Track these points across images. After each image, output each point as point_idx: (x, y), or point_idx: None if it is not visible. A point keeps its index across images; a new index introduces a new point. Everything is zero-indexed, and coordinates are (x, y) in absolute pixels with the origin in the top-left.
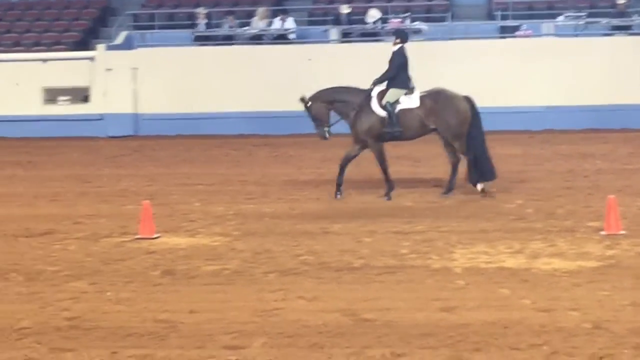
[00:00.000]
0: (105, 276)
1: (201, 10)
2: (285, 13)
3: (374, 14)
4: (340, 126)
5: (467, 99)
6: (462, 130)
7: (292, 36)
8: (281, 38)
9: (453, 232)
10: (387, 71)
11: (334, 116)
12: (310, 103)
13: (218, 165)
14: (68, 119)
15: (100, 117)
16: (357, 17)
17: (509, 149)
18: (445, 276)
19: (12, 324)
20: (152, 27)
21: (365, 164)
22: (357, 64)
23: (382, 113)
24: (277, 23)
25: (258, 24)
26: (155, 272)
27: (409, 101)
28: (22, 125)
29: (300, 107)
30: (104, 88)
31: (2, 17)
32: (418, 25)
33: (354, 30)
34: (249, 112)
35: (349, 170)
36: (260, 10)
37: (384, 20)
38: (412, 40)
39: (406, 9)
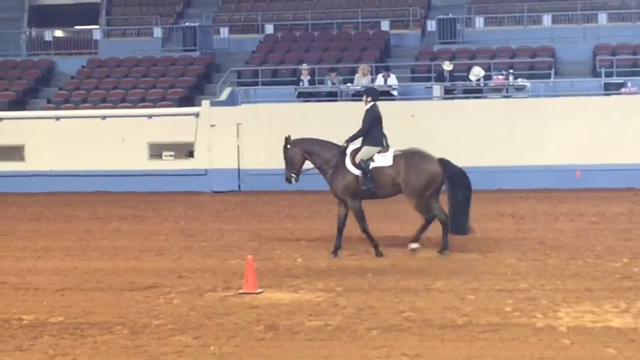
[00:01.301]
0: (209, 330)
1: (304, 67)
2: (388, 70)
3: (477, 72)
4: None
5: (442, 162)
6: (423, 192)
7: (395, 93)
8: (384, 94)
9: (557, 291)
10: (359, 129)
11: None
12: (289, 146)
13: (321, 221)
14: (173, 173)
15: (205, 172)
16: (459, 73)
17: (613, 207)
18: (549, 335)
19: None
20: (255, 84)
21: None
22: (460, 120)
23: (356, 171)
24: (380, 79)
25: (361, 80)
26: (259, 327)
27: (383, 159)
28: (127, 180)
29: None
30: (208, 143)
31: (109, 73)
32: (521, 82)
33: (457, 87)
34: None
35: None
36: (363, 66)
37: (487, 77)
38: (516, 97)
39: (509, 66)
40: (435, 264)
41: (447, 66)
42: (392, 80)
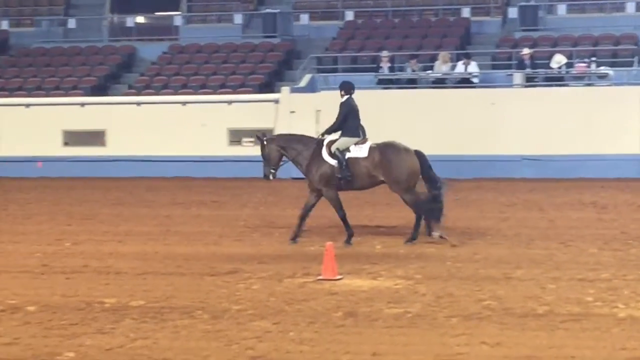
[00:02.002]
0: (288, 316)
1: (385, 54)
2: (468, 57)
3: (559, 59)
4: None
5: (418, 154)
6: (410, 184)
7: (475, 80)
8: (464, 82)
9: None
10: (333, 122)
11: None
12: (266, 143)
13: (399, 208)
14: (252, 159)
15: None
16: (541, 61)
17: None
18: (632, 325)
19: None
20: (335, 70)
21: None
22: (541, 108)
23: (332, 161)
24: (460, 67)
25: (441, 67)
26: (338, 313)
27: (358, 151)
28: (207, 165)
29: (486, 151)
30: (288, 130)
31: (190, 59)
32: (604, 70)
33: (538, 75)
34: (432, 155)
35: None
36: (443, 54)
37: (569, 65)
38: (598, 85)
39: (592, 54)
40: (516, 253)
41: (525, 52)
42: (473, 67)
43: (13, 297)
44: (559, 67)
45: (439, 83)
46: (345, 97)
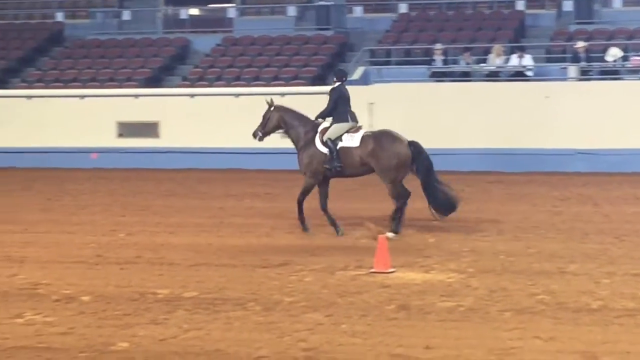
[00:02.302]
0: (340, 309)
1: (438, 47)
2: (522, 50)
3: (614, 53)
4: None
5: (412, 144)
6: (397, 175)
7: (529, 73)
8: (518, 75)
9: None
10: (325, 108)
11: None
12: (272, 108)
13: None
14: None
15: None
16: (596, 54)
17: None
18: None
19: (250, 353)
20: (388, 63)
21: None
22: (596, 102)
23: (324, 150)
24: (514, 60)
25: (495, 60)
26: (390, 306)
27: (351, 140)
28: (260, 157)
29: (539, 145)
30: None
31: (243, 52)
32: None
33: (593, 68)
34: (485, 148)
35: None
36: (497, 47)
37: (624, 58)
38: None
39: None
40: (569, 247)
41: (580, 45)
42: (527, 60)
43: (67, 287)
44: (614, 61)
45: (493, 76)
46: (337, 83)
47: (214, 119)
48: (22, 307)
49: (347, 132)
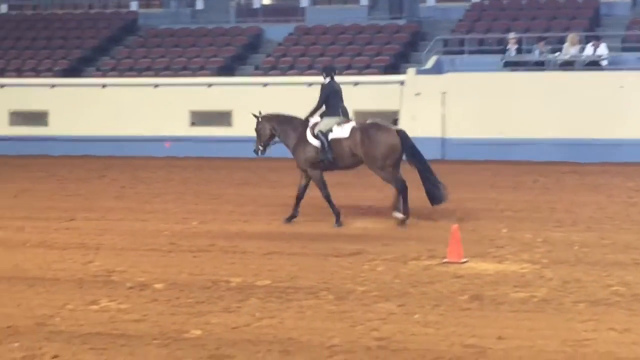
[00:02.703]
0: (413, 298)
1: (512, 36)
2: (597, 39)
3: None
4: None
5: (400, 133)
6: (385, 163)
7: (604, 63)
8: (593, 64)
9: None
10: (315, 105)
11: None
12: (259, 120)
13: (526, 192)
14: None
15: None
16: None
17: None
18: None
19: (323, 342)
20: (461, 52)
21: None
22: None
23: (316, 142)
24: (589, 49)
25: (569, 50)
26: (463, 296)
27: (340, 132)
28: None
29: (613, 135)
30: (413, 112)
31: (316, 41)
32: None
33: None
34: (559, 138)
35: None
36: (572, 36)
37: None
38: None
39: None
40: None
41: None
42: (602, 49)
43: (141, 275)
44: None
45: (567, 65)
46: (327, 79)
47: (287, 108)
48: (97, 294)
49: (338, 124)
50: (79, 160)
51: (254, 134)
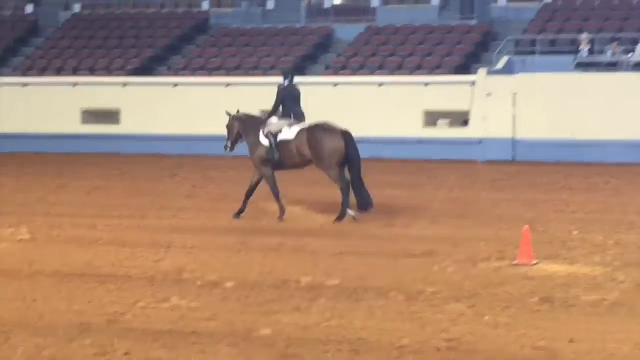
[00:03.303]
0: (483, 300)
1: (584, 37)
2: None
3: None
4: None
5: (344, 134)
6: (331, 162)
7: None
8: None
9: None
10: (272, 107)
11: None
12: (230, 118)
13: (598, 193)
14: (447, 142)
15: (479, 141)
16: None
17: None
18: None
19: (393, 342)
20: (533, 53)
21: None
22: None
23: (266, 142)
24: None
25: None
26: (534, 298)
27: (289, 133)
28: (402, 146)
29: None
30: (484, 112)
31: (386, 41)
32: None
33: None
34: (631, 140)
35: None
36: None
37: None
38: None
39: None
40: None
41: None
42: None
43: (212, 274)
44: None
45: None
46: (286, 82)
47: (357, 108)
48: (168, 292)
49: (289, 126)
50: (150, 158)
51: None
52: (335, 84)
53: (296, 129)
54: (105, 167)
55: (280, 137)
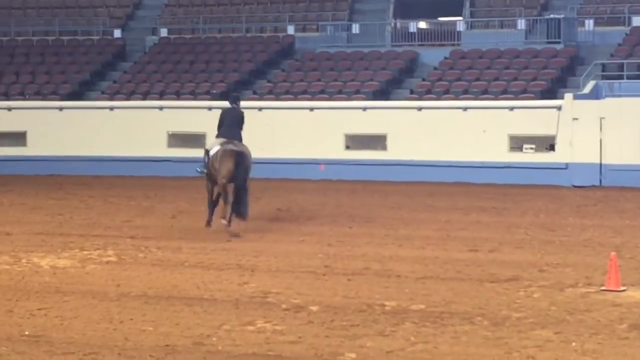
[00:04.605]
0: (570, 326)
1: None
2: None
3: None
4: None
5: (237, 154)
6: (221, 176)
7: None
8: None
9: None
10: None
11: None
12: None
13: None
14: (533, 166)
15: (565, 166)
16: None
17: None
18: None
19: None
20: (621, 77)
21: None
22: None
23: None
24: None
25: None
26: (622, 325)
27: (214, 151)
28: (487, 171)
29: None
30: (570, 137)
31: (472, 65)
32: None
33: None
34: None
35: None
36: None
37: None
38: None
39: None
40: None
41: None
42: None
43: (297, 297)
44: None
45: None
46: (232, 105)
47: (442, 133)
48: (253, 315)
49: (220, 144)
50: None
51: (408, 157)
52: (420, 108)
53: (217, 147)
54: (190, 191)
55: (210, 154)
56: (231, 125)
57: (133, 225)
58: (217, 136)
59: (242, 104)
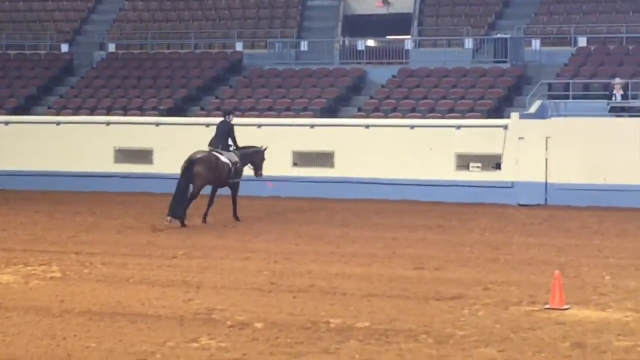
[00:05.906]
0: (514, 344)
1: (617, 81)
2: None
3: None
4: None
5: (192, 161)
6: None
7: None
8: None
9: None
10: None
11: None
12: None
13: (630, 239)
14: (479, 185)
15: (511, 185)
16: None
17: None
18: None
19: None
20: (566, 97)
21: None
22: None
23: None
24: None
25: None
26: (565, 343)
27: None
28: (434, 189)
29: None
30: (516, 156)
31: (419, 83)
32: None
33: None
34: None
35: None
36: None
37: None
38: None
39: None
40: None
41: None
42: None
43: (241, 314)
44: None
45: None
46: (226, 118)
47: (389, 150)
48: (198, 332)
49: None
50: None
51: (355, 175)
52: (367, 126)
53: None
54: (137, 206)
55: None
56: (220, 135)
57: (78, 240)
58: (208, 144)
59: (191, 119)
